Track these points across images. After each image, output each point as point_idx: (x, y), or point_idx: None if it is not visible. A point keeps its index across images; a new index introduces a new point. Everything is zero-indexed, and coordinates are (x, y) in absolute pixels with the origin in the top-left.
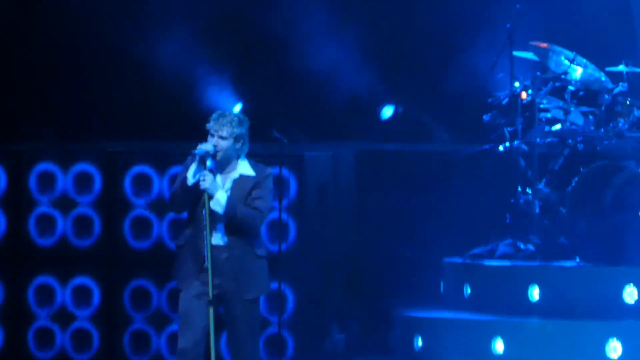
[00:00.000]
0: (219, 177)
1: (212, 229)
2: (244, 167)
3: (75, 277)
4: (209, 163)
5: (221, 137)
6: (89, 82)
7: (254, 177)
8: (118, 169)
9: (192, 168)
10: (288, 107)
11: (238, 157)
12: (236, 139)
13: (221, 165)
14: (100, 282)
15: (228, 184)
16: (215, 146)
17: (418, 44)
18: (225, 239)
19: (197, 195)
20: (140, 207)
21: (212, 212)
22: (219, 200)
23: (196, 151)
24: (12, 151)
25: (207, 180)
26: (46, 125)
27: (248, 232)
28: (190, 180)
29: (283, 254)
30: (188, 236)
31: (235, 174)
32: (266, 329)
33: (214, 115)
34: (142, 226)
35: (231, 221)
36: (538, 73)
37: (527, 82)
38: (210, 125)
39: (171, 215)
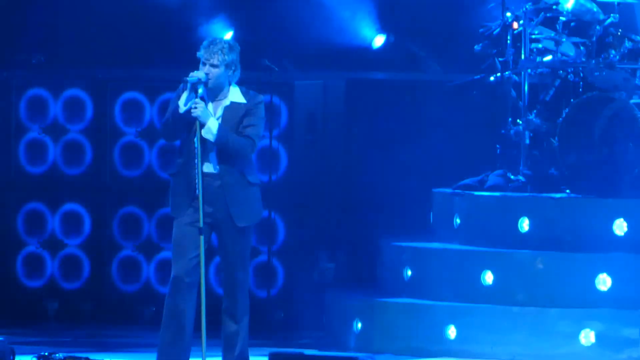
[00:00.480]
0: (210, 105)
1: (204, 157)
2: (235, 94)
3: (65, 204)
4: (200, 91)
5: (213, 65)
6: (81, 8)
7: (245, 104)
8: (109, 95)
9: (184, 96)
10: (279, 35)
11: (229, 84)
12: (227, 65)
13: (213, 92)
14: (90, 210)
15: (219, 112)
16: (207, 74)
17: None
18: (217, 167)
19: (189, 124)
20: (130, 134)
21: (204, 141)
22: (211, 128)
23: (188, 79)
24: (2, 77)
25: (198, 109)
26: (36, 51)
27: (240, 159)
28: (182, 109)
29: (273, 183)
30: (180, 165)
31: (226, 101)
32: (256, 258)
33: (205, 43)
34: (132, 154)
35: (223, 149)
36: (529, 3)
37: (519, 12)
38: (201, 53)
39: (161, 143)
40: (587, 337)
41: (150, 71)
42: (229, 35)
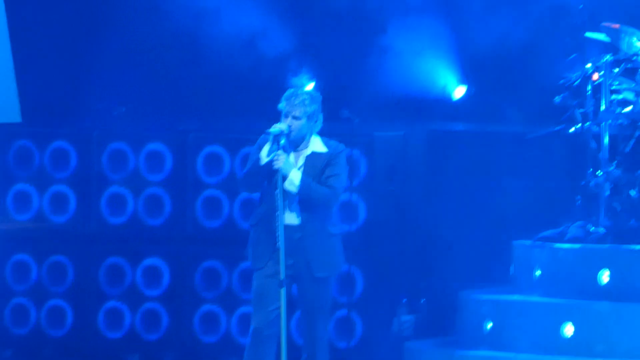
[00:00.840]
0: (292, 155)
1: (286, 208)
2: (316, 144)
3: (145, 257)
4: (282, 142)
5: (295, 117)
6: (163, 60)
7: (326, 153)
8: (189, 148)
9: (266, 148)
10: (360, 86)
11: (310, 135)
12: (309, 117)
13: (294, 143)
14: (171, 263)
15: (301, 161)
16: (289, 126)
17: (491, 25)
18: (299, 217)
19: (269, 175)
20: (211, 186)
21: (285, 192)
22: (293, 180)
23: (270, 131)
24: (84, 128)
25: (280, 160)
26: (118, 103)
27: (322, 210)
28: (264, 160)
29: (353, 235)
30: (261, 215)
31: (307, 151)
32: (335, 311)
33: (286, 94)
34: (212, 205)
35: (305, 200)
36: (610, 54)
37: (599, 64)
38: (283, 105)
39: (243, 195)
40: None
41: (231, 123)
42: (310, 86)
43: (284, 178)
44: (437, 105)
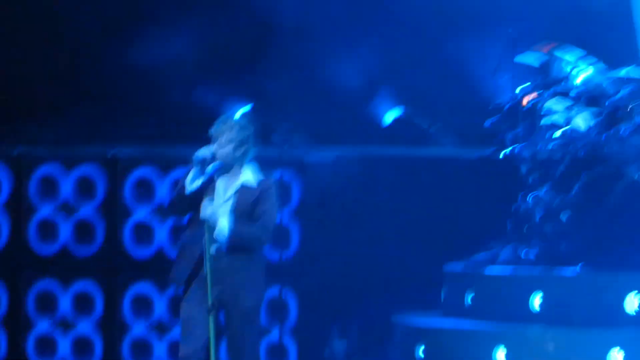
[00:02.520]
0: (220, 182)
1: (213, 241)
2: (247, 175)
3: (76, 283)
4: (209, 169)
5: (221, 144)
6: (90, 83)
7: (256, 188)
8: (119, 173)
9: (191, 174)
10: (291, 109)
11: (242, 164)
12: (236, 145)
13: (223, 170)
14: (101, 290)
15: (230, 191)
16: (213, 152)
17: (420, 47)
18: (225, 251)
19: (197, 201)
20: (141, 213)
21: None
22: (222, 230)
23: (194, 157)
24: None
25: (207, 209)
26: (47, 126)
27: (252, 249)
28: (189, 187)
29: (285, 260)
30: (187, 238)
31: (237, 183)
32: (267, 337)
33: (218, 119)
34: (143, 233)
35: (233, 244)
36: (540, 78)
37: (529, 88)
38: (212, 130)
39: (172, 222)
40: None
41: (164, 148)
42: (242, 111)
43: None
44: (369, 128)
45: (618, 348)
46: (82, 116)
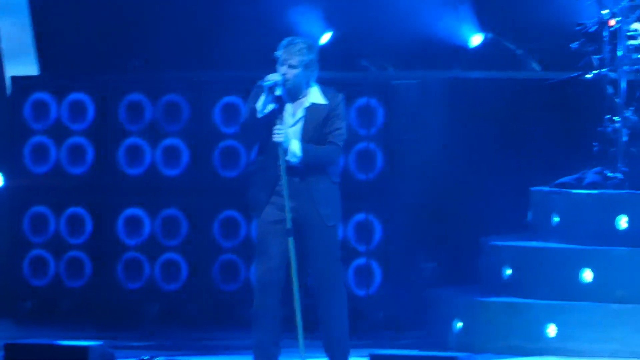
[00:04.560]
0: (289, 106)
1: (286, 164)
2: (315, 95)
3: (163, 208)
4: (278, 91)
5: (291, 66)
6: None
7: (326, 105)
8: (207, 99)
9: (262, 99)
10: (376, 34)
11: (308, 85)
12: (306, 66)
13: (291, 93)
14: (187, 214)
15: (300, 113)
16: (284, 75)
17: None
18: (300, 168)
19: (268, 126)
20: (229, 137)
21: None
22: (294, 152)
23: (264, 83)
24: (101, 83)
25: (280, 134)
26: (133, 56)
27: (325, 166)
28: (260, 113)
29: (370, 182)
30: (260, 163)
31: (306, 103)
32: (354, 259)
33: (284, 43)
34: (231, 156)
35: (308, 165)
36: (626, 0)
37: (615, 10)
38: (279, 53)
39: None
40: None
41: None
42: (327, 36)
43: (285, 150)
44: (454, 52)
45: None
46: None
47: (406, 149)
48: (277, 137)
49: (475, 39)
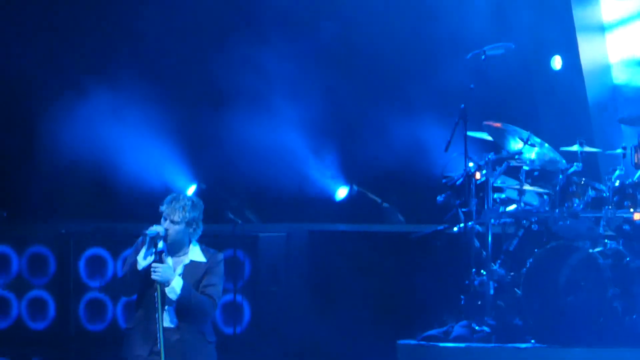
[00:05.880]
0: (170, 260)
1: (163, 310)
2: (195, 253)
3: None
4: (160, 245)
5: (173, 222)
6: (43, 165)
7: (205, 263)
8: (72, 251)
9: (143, 251)
10: (242, 188)
11: (190, 242)
12: (188, 223)
13: (172, 248)
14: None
15: (179, 269)
16: (166, 229)
17: (371, 122)
18: (176, 321)
19: (147, 278)
20: (94, 289)
21: (164, 295)
22: (174, 288)
23: (147, 232)
24: None
25: (158, 272)
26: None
27: (200, 318)
28: (141, 264)
29: (238, 335)
30: (139, 318)
31: (186, 259)
32: None
33: (168, 198)
34: (96, 308)
35: (184, 307)
36: (492, 153)
37: (481, 162)
38: (163, 208)
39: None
40: None
41: (114, 225)
42: (192, 189)
43: (165, 284)
44: (320, 205)
45: None
46: (33, 194)
47: (272, 301)
48: (155, 275)
49: (341, 192)
